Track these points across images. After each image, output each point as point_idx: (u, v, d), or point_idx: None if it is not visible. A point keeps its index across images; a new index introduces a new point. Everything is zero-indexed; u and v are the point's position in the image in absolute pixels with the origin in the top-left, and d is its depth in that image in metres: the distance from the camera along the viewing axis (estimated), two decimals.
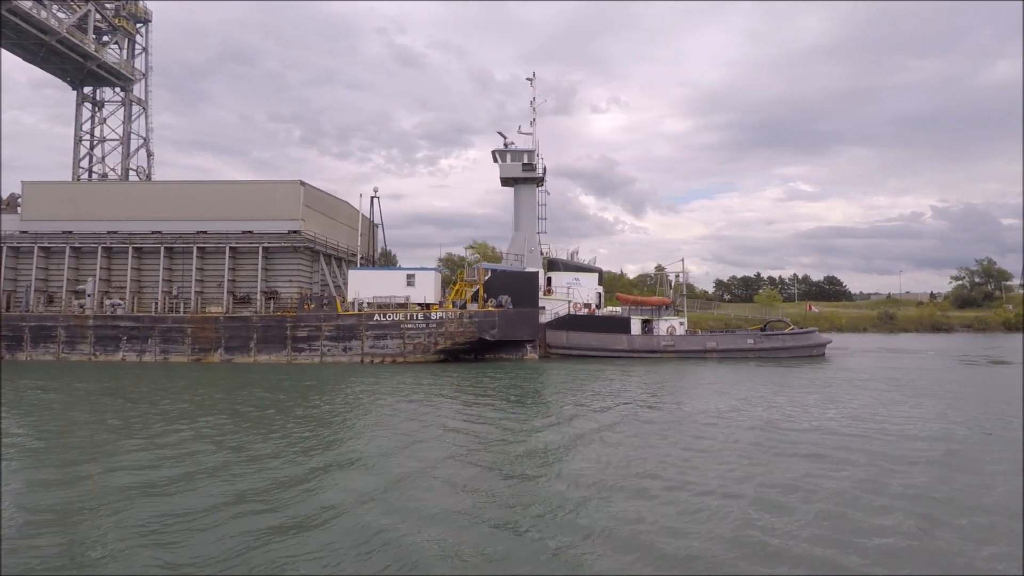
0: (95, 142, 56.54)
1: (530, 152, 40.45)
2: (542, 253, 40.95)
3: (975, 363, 33.70)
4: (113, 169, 56.11)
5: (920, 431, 13.84)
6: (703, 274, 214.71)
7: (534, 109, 41.53)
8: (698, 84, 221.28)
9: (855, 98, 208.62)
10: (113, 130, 56.79)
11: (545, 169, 41.57)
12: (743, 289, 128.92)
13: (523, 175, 40.36)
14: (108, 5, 54.40)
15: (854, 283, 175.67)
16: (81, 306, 34.71)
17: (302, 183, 35.88)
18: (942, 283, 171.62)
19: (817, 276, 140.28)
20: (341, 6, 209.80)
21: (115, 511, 8.22)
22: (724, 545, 7.05)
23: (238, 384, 23.60)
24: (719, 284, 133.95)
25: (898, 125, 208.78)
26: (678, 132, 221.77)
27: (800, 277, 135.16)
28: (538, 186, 41.50)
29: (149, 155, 57.98)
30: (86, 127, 56.41)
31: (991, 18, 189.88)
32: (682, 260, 44.51)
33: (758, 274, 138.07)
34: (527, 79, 41.78)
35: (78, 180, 53.99)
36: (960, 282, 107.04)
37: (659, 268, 61.29)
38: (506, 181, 41.21)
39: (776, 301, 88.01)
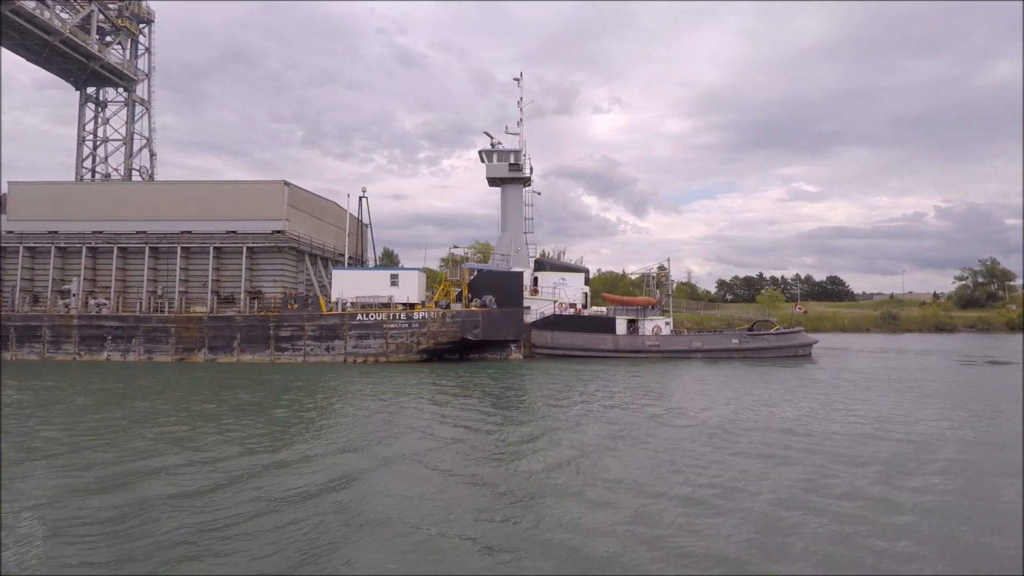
0: (98, 142, 56.88)
1: (516, 152, 40.39)
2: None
3: (973, 363, 33.17)
4: (116, 169, 56.34)
5: (880, 431, 13.59)
6: (706, 274, 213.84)
7: (521, 109, 41.58)
8: (697, 84, 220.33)
9: (853, 98, 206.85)
10: (116, 130, 57.10)
11: (532, 169, 41.50)
12: (746, 289, 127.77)
13: (509, 175, 40.33)
14: (111, 5, 54.59)
15: (857, 283, 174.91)
16: (66, 306, 34.97)
17: (286, 183, 35.97)
18: (945, 283, 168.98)
19: (820, 276, 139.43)
20: (341, 6, 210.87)
21: (55, 509, 8.23)
22: (645, 546, 6.97)
23: (221, 384, 23.56)
24: (722, 284, 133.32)
25: (896, 125, 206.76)
26: (678, 132, 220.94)
27: (803, 277, 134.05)
28: (525, 186, 41.42)
29: (152, 155, 58.45)
30: (89, 127, 56.71)
31: (989, 18, 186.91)
32: (667, 260, 44.35)
33: (760, 274, 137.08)
34: (514, 79, 41.77)
35: (81, 180, 54.52)
36: (963, 282, 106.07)
37: (661, 268, 60.72)
38: (493, 181, 41.25)
39: (779, 301, 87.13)
